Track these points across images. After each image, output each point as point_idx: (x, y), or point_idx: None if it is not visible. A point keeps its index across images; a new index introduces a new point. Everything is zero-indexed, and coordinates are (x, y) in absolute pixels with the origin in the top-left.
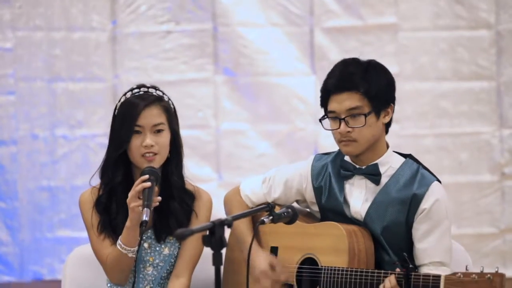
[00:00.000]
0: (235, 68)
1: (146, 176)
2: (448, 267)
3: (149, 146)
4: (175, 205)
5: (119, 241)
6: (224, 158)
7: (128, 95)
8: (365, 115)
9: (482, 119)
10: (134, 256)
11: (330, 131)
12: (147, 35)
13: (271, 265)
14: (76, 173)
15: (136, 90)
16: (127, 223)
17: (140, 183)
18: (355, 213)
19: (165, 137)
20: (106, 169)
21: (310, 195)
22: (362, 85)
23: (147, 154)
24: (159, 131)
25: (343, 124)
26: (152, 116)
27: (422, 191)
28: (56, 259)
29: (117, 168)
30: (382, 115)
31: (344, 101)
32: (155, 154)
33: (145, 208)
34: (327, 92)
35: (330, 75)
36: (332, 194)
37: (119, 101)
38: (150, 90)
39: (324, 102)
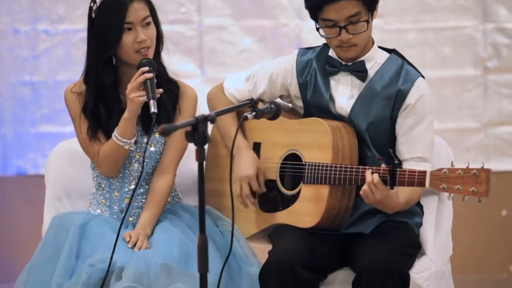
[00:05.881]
0: None
1: (146, 68)
2: (429, 163)
3: (144, 40)
4: (163, 96)
5: (115, 133)
6: (207, 53)
7: None
8: (367, 21)
9: (465, 13)
10: (130, 148)
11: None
12: None
13: (258, 172)
14: (58, 68)
15: None
16: (125, 115)
17: (141, 74)
18: (340, 109)
19: (153, 29)
20: (92, 73)
21: (294, 90)
22: None
23: (142, 50)
24: (148, 24)
25: (344, 32)
26: (139, 10)
27: (407, 87)
28: (39, 154)
29: (106, 70)
30: (374, 14)
31: (343, 9)
32: (148, 48)
33: (152, 100)
34: (321, 3)
35: None
36: (318, 90)
37: (94, 2)
38: None
39: (315, 13)
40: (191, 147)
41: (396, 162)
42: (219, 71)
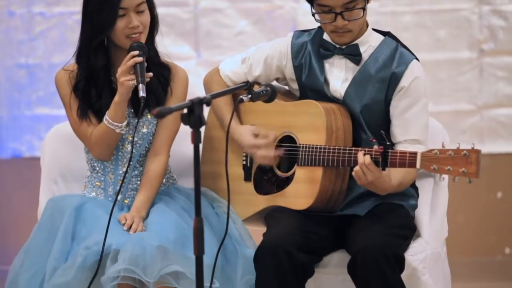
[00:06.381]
0: None
1: (136, 52)
2: (424, 145)
3: (136, 27)
4: (153, 80)
5: (106, 117)
6: (203, 36)
7: None
8: (363, 8)
9: None
10: (122, 131)
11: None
12: None
13: (255, 134)
14: (54, 50)
15: None
16: (116, 98)
17: (131, 58)
18: (334, 92)
19: (147, 15)
20: (84, 54)
21: (290, 72)
22: None
23: (133, 35)
24: (142, 10)
25: (339, 18)
26: None
27: (401, 70)
28: (35, 137)
29: (98, 53)
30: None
31: None
32: (140, 33)
33: (141, 84)
34: None
35: None
36: (312, 72)
37: None
38: None
39: None
40: (188, 130)
41: (387, 143)
42: (215, 54)
